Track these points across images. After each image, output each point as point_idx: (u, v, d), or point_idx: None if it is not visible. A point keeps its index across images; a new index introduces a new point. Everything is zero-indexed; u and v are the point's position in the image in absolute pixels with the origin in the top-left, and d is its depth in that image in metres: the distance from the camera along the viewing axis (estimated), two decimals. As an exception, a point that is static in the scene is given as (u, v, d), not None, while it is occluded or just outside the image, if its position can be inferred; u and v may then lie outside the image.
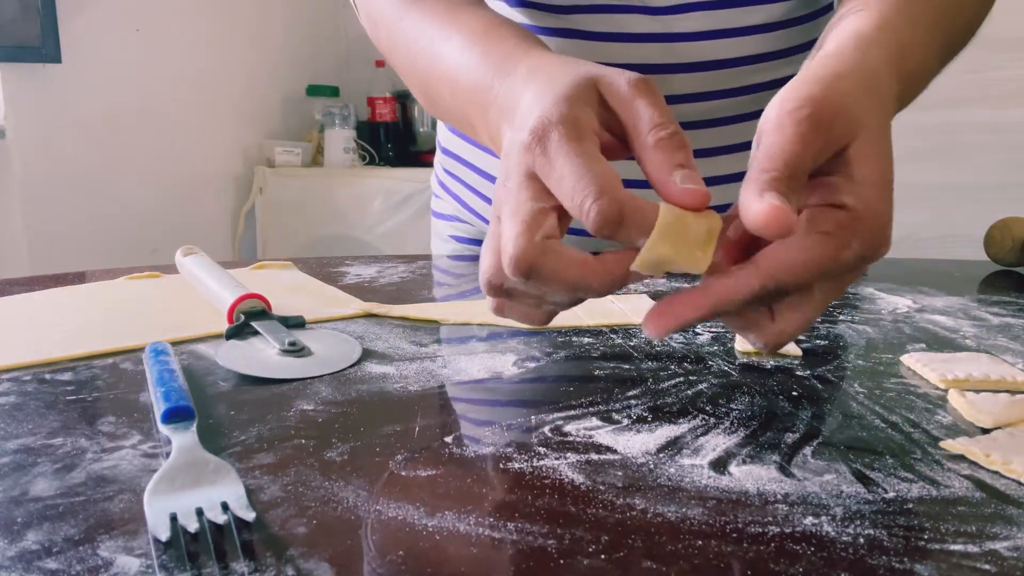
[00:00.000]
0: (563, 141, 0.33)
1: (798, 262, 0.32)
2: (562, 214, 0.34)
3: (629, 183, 0.33)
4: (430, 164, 0.93)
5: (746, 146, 0.70)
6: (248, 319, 0.49)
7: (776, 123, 0.34)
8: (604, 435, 0.35)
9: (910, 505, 0.29)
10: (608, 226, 0.32)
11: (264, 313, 0.50)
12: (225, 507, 0.27)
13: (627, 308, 0.55)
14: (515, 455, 0.33)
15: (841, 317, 0.54)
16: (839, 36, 0.40)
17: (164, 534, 0.25)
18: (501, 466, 0.32)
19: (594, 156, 0.33)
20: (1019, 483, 0.30)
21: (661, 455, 0.33)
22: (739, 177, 0.37)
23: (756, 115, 0.67)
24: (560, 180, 0.33)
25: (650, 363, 0.44)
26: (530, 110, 0.36)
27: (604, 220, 0.31)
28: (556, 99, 0.35)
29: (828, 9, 0.69)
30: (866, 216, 0.33)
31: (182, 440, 0.32)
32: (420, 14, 0.52)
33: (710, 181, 0.77)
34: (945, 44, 0.46)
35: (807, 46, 0.69)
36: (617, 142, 0.37)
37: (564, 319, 0.53)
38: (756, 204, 0.31)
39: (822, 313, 0.35)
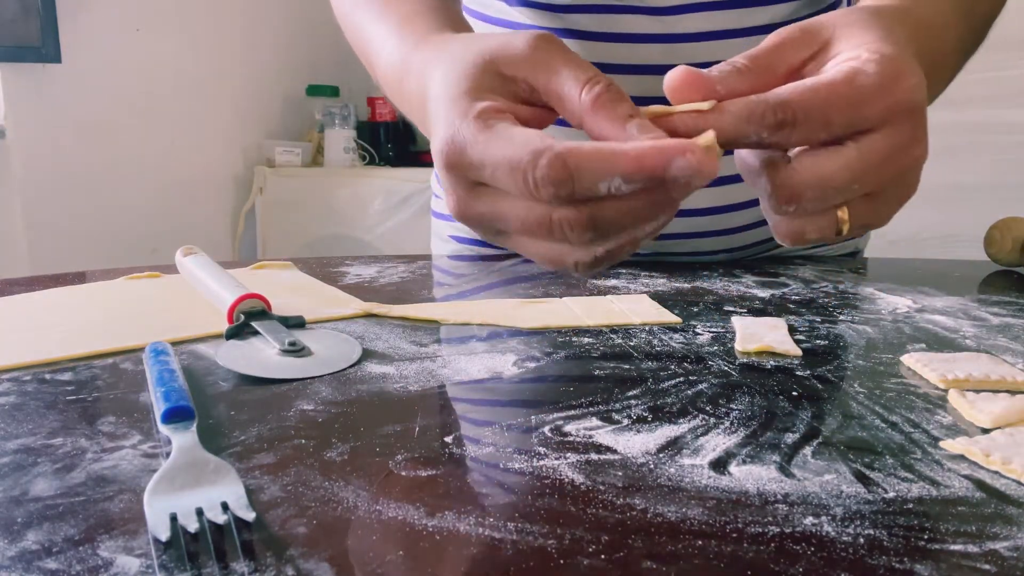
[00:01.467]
0: (476, 142, 0.31)
1: (808, 86, 0.31)
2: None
3: None
4: (430, 164, 0.93)
5: None
6: (248, 319, 0.49)
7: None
8: (604, 435, 0.35)
9: (910, 505, 0.29)
10: (562, 184, 0.29)
11: (264, 313, 0.50)
12: (225, 507, 0.27)
13: (627, 308, 0.55)
14: (515, 455, 0.33)
15: (841, 317, 0.54)
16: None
17: (164, 534, 0.25)
18: (501, 466, 0.32)
19: (508, 132, 0.31)
20: (1019, 483, 0.30)
21: (661, 455, 0.33)
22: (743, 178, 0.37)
23: None
24: (495, 174, 0.31)
25: (650, 363, 0.44)
26: (435, 117, 0.34)
27: (554, 180, 0.29)
28: (452, 102, 0.33)
29: (831, 9, 0.69)
30: (877, 57, 0.32)
31: (182, 440, 0.32)
32: (365, 6, 0.53)
33: (715, 183, 0.77)
34: (967, 19, 0.46)
35: None
36: (542, 111, 0.34)
37: (564, 319, 0.53)
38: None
39: (858, 180, 0.32)
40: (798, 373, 0.43)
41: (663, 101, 0.34)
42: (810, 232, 0.34)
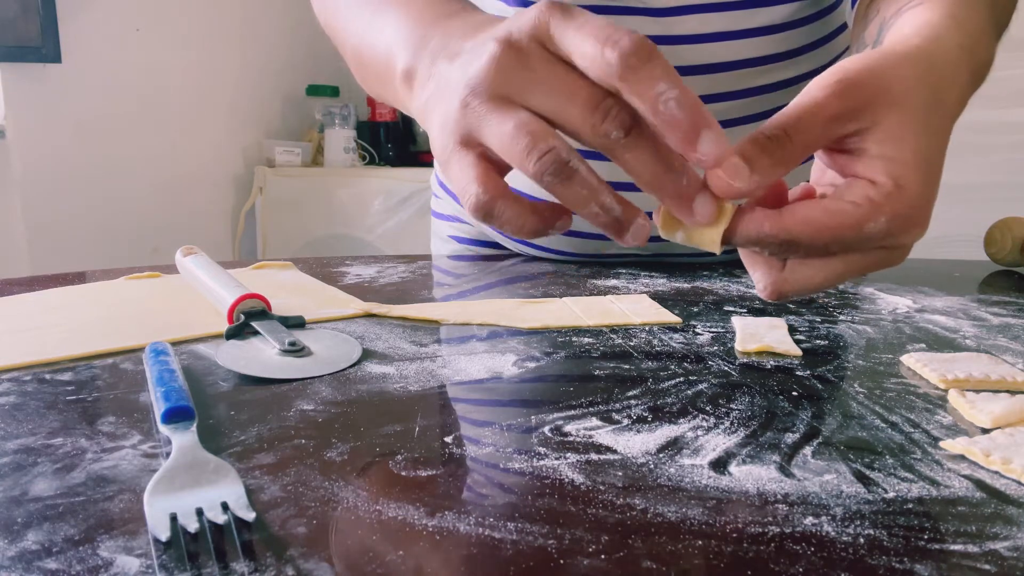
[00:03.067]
0: (570, 12, 0.32)
1: (817, 221, 0.32)
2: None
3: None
4: (430, 164, 0.93)
5: None
6: (248, 319, 0.49)
7: (805, 89, 0.34)
8: (604, 435, 0.35)
9: (910, 505, 0.29)
10: (638, 53, 0.30)
11: (264, 313, 0.50)
12: (225, 507, 0.27)
13: (627, 308, 0.55)
14: (515, 455, 0.33)
15: (841, 317, 0.54)
16: (905, 26, 0.39)
17: (164, 534, 0.25)
18: (501, 466, 0.32)
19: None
20: (1019, 483, 0.30)
21: (661, 455, 0.33)
22: None
23: (762, 117, 0.67)
24: (582, 26, 0.32)
25: (650, 363, 0.44)
26: (502, 26, 0.34)
27: (636, 48, 0.30)
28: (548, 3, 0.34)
29: (833, 8, 0.69)
30: (897, 194, 0.32)
31: (182, 440, 0.32)
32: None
33: None
34: (998, 27, 0.46)
35: (812, 47, 0.68)
36: None
37: (564, 319, 0.53)
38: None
39: (838, 282, 0.35)
40: (798, 373, 0.43)
41: None
42: (791, 296, 0.37)
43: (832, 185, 0.36)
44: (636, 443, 0.34)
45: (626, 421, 0.36)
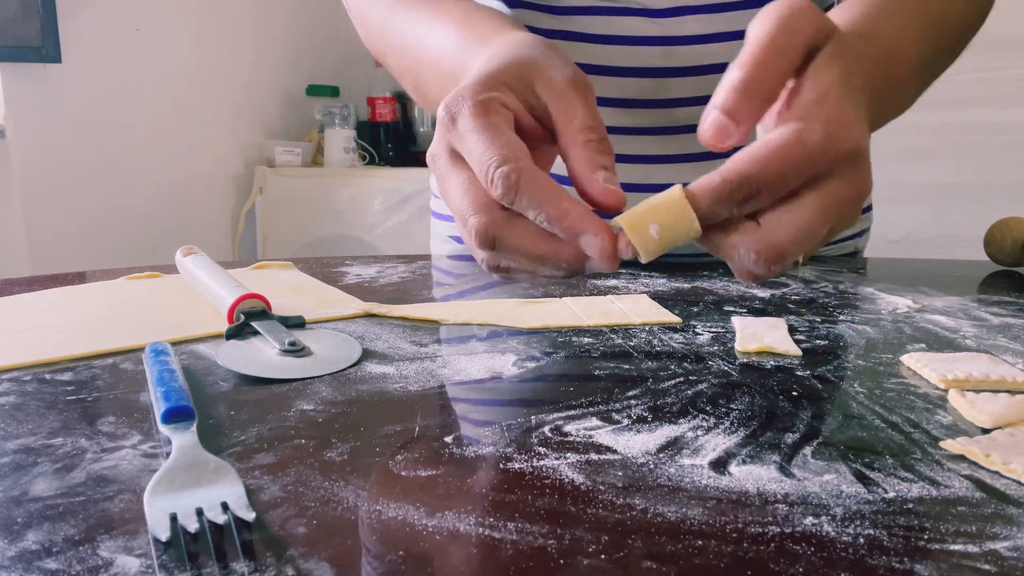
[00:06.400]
0: (470, 116, 0.35)
1: (760, 153, 0.33)
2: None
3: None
4: (430, 164, 0.93)
5: None
6: (248, 319, 0.49)
7: (756, 22, 0.36)
8: (604, 435, 0.35)
9: (910, 505, 0.29)
10: (507, 192, 0.33)
11: (264, 313, 0.50)
12: (225, 507, 0.27)
13: (627, 308, 0.55)
14: (515, 455, 0.33)
15: (841, 317, 0.54)
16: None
17: (164, 534, 0.25)
18: (501, 466, 0.32)
19: (499, 128, 0.35)
20: (1019, 483, 0.30)
21: (661, 455, 0.33)
22: None
23: None
24: (469, 153, 0.35)
25: (650, 363, 0.44)
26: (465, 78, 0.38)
27: (505, 187, 0.33)
28: (476, 77, 0.37)
29: (830, 10, 0.69)
30: (822, 105, 0.33)
31: (182, 440, 0.32)
32: (407, 13, 0.54)
33: None
34: (933, 37, 0.47)
35: None
36: (540, 129, 0.38)
37: (564, 319, 0.53)
38: (703, 123, 0.34)
39: (823, 229, 0.34)
40: (798, 373, 0.43)
41: (662, 104, 0.35)
42: (775, 273, 0.35)
43: None
44: (636, 443, 0.34)
45: (626, 421, 0.36)
